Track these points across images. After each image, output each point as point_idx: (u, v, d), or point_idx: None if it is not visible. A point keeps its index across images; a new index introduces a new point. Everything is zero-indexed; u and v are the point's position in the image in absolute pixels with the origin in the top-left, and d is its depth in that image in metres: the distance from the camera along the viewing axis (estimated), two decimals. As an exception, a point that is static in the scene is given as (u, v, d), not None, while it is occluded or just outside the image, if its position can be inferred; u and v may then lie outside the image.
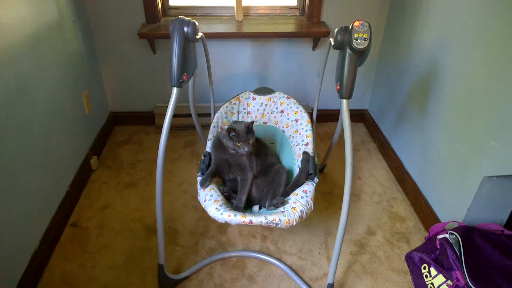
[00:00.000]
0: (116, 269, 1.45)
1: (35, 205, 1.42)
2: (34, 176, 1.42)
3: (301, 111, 1.66)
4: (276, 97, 1.73)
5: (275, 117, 1.73)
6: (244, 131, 1.34)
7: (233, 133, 1.34)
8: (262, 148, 1.54)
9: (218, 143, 1.42)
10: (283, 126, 1.72)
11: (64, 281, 1.40)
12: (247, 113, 1.73)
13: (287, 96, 1.71)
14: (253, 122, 1.38)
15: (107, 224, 1.66)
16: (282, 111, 1.71)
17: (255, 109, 1.73)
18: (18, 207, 1.31)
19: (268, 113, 1.73)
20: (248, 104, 1.73)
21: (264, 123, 1.75)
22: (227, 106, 1.69)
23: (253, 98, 1.73)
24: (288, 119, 1.69)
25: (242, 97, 1.72)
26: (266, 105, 1.73)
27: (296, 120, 1.66)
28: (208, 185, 1.34)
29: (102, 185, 1.89)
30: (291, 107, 1.69)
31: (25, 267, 1.33)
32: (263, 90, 1.74)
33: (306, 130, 1.59)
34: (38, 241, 1.42)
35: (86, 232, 1.62)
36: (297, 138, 1.61)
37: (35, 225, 1.43)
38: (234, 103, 1.71)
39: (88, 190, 1.85)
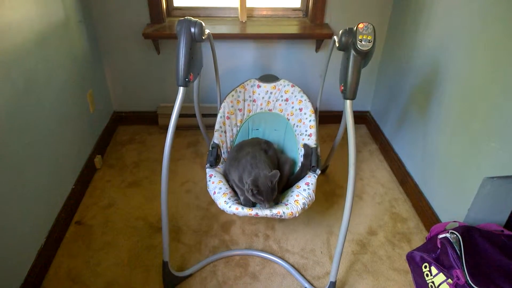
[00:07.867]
0: (121, 266, 1.47)
1: (41, 203, 1.44)
2: (40, 174, 1.44)
3: (305, 100, 1.67)
4: (281, 85, 1.74)
5: (280, 104, 1.75)
6: (269, 191, 1.26)
7: (257, 191, 1.27)
8: (270, 150, 1.56)
9: (232, 164, 1.43)
10: (287, 114, 1.74)
11: (69, 277, 1.42)
12: (253, 101, 1.75)
13: (291, 84, 1.73)
14: (277, 175, 1.29)
15: (111, 222, 1.67)
16: (286, 99, 1.73)
17: (260, 97, 1.75)
18: (25, 205, 1.33)
19: (273, 100, 1.75)
20: (253, 92, 1.75)
21: (269, 110, 1.76)
22: (232, 95, 1.70)
23: (258, 86, 1.75)
24: (293, 107, 1.71)
25: (247, 85, 1.74)
26: (271, 93, 1.74)
27: (301, 110, 1.68)
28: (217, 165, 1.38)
29: (106, 184, 1.90)
30: (295, 96, 1.71)
31: (32, 263, 1.35)
32: (268, 77, 1.75)
33: (310, 121, 1.61)
34: (44, 238, 1.44)
35: (90, 230, 1.63)
36: (301, 128, 1.63)
37: (41, 223, 1.45)
38: (240, 91, 1.73)
39: (92, 188, 1.87)
